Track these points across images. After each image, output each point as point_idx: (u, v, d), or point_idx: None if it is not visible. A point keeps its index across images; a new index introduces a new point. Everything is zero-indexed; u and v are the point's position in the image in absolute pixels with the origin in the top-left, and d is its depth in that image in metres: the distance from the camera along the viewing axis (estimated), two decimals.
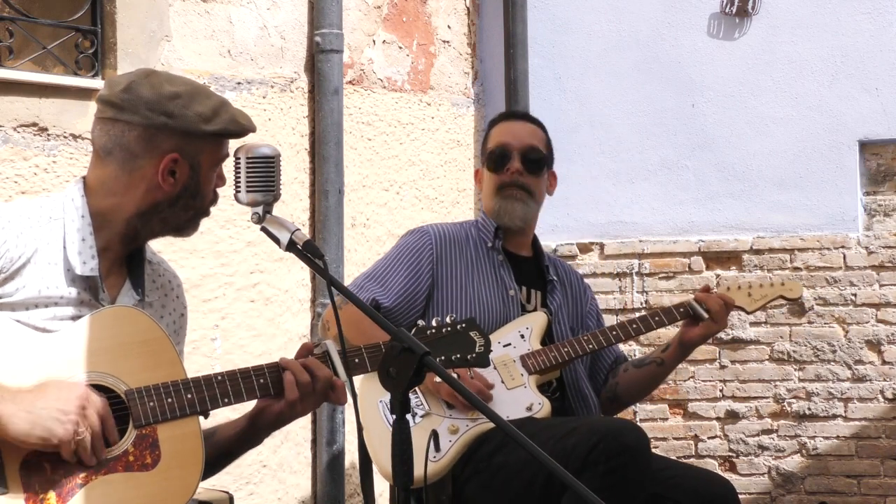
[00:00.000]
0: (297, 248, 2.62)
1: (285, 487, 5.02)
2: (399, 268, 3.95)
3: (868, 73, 5.87)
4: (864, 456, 5.84)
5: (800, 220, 5.95)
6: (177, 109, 2.79)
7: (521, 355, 3.87)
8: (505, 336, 3.90)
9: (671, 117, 6.13)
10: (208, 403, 2.73)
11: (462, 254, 4.01)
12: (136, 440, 2.67)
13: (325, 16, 5.20)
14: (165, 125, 2.77)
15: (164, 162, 2.77)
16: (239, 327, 4.83)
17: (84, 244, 2.75)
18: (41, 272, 2.70)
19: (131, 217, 2.80)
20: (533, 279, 4.11)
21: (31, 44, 4.20)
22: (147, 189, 2.79)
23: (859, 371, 5.86)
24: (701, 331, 3.98)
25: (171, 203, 2.80)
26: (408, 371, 2.32)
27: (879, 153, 5.91)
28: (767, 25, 6.01)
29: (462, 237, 4.05)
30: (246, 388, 2.78)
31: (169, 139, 2.78)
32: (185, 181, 2.79)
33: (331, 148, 5.18)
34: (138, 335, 2.73)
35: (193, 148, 2.79)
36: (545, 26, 6.32)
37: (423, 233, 4.03)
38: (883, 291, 5.86)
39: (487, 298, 3.96)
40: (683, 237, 6.11)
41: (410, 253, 3.98)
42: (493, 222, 4.06)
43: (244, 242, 4.84)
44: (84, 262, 2.74)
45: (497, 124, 4.18)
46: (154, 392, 2.69)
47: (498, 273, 4.02)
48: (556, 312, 4.08)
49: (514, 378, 3.82)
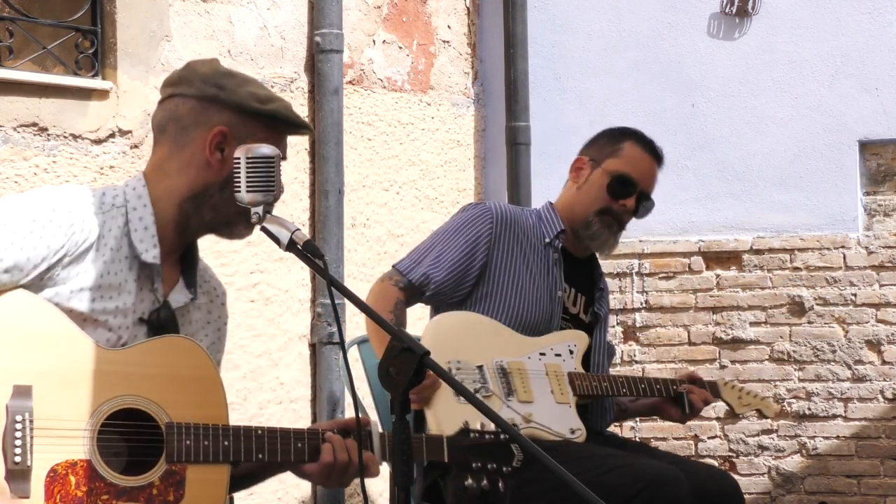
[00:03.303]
0: (297, 248, 2.60)
1: (285, 487, 5.03)
2: (455, 242, 3.86)
3: (868, 73, 5.87)
4: (864, 456, 5.85)
5: (800, 220, 5.95)
6: (230, 84, 2.79)
7: (568, 372, 3.84)
8: (556, 345, 3.89)
9: (671, 117, 6.11)
10: (242, 455, 2.71)
11: (519, 239, 3.93)
12: (164, 475, 2.65)
13: (325, 16, 5.20)
14: (216, 97, 2.77)
15: (211, 133, 2.76)
16: (239, 327, 4.83)
17: (147, 232, 2.75)
18: (104, 258, 2.69)
19: (184, 200, 2.78)
20: (582, 283, 4.07)
21: (31, 44, 4.20)
22: (198, 168, 2.78)
23: (859, 371, 5.87)
24: (676, 416, 4.07)
25: (222, 186, 2.76)
26: (408, 371, 2.31)
27: (879, 153, 5.92)
28: (767, 25, 6.01)
29: (522, 221, 3.96)
30: (282, 448, 2.76)
31: (220, 112, 2.77)
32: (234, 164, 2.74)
33: (331, 148, 5.18)
34: (193, 370, 2.73)
35: (245, 127, 2.78)
36: (545, 26, 6.32)
37: (484, 210, 3.92)
38: (883, 291, 5.86)
39: (537, 292, 3.90)
40: (683, 237, 6.11)
41: (469, 229, 3.88)
42: (560, 223, 3.99)
43: (244, 242, 4.70)
44: (147, 249, 2.74)
45: (637, 146, 4.07)
46: (194, 431, 2.67)
47: (551, 269, 3.95)
48: (602, 321, 4.10)
49: (564, 394, 3.79)
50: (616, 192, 3.97)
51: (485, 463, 2.91)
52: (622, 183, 3.98)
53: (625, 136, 4.09)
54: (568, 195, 4.06)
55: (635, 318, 6.13)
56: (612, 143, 4.05)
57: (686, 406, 4.01)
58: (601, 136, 4.13)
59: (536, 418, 3.69)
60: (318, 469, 2.79)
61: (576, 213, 4.00)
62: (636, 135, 4.12)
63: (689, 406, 4.00)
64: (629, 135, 4.10)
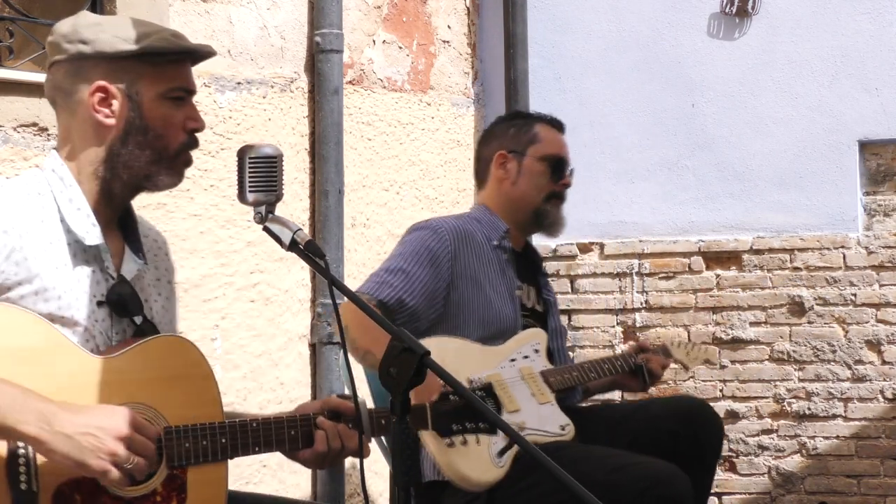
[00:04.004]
0: (299, 247, 2.59)
1: (285, 487, 5.03)
2: (421, 265, 3.85)
3: (868, 73, 5.87)
4: (864, 456, 5.85)
5: (800, 220, 5.96)
6: (92, 35, 2.68)
7: (540, 371, 3.88)
8: (523, 347, 3.91)
9: (671, 117, 6.13)
10: (240, 450, 2.70)
11: (474, 251, 3.95)
12: (166, 480, 2.64)
13: (325, 16, 5.20)
14: (82, 53, 2.67)
15: (90, 91, 2.67)
16: (239, 327, 4.84)
17: (80, 213, 2.67)
18: (45, 252, 2.62)
19: (97, 168, 2.70)
20: (528, 274, 4.12)
21: (31, 44, 4.19)
22: (95, 131, 2.69)
23: (859, 371, 5.86)
24: (637, 387, 4.17)
25: (122, 141, 2.69)
26: (408, 371, 2.31)
27: (879, 153, 5.91)
28: (767, 25, 6.01)
29: (470, 232, 3.98)
30: (277, 438, 2.74)
31: (94, 67, 2.67)
32: (127, 114, 2.69)
33: (331, 148, 5.18)
34: (185, 369, 2.71)
35: (125, 75, 2.67)
36: (545, 26, 6.33)
37: (436, 228, 3.93)
38: (883, 291, 5.85)
39: (500, 298, 3.93)
40: (683, 237, 6.12)
41: (430, 250, 3.88)
42: (502, 223, 4.02)
43: (244, 242, 4.84)
44: (87, 231, 2.67)
45: (546, 126, 4.15)
46: (192, 433, 2.65)
47: (505, 270, 3.99)
48: (553, 307, 4.16)
49: (544, 393, 3.82)
50: (555, 174, 4.07)
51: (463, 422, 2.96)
52: (557, 164, 4.08)
53: (529, 121, 4.16)
54: (503, 192, 4.08)
55: (635, 317, 6.14)
56: (524, 131, 4.11)
57: (646, 376, 4.12)
58: (505, 127, 4.17)
59: (529, 425, 3.70)
60: (311, 455, 2.78)
61: (521, 208, 4.06)
62: (537, 116, 4.23)
63: (649, 374, 4.11)
64: (531, 118, 4.19)
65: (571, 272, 6.22)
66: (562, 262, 6.24)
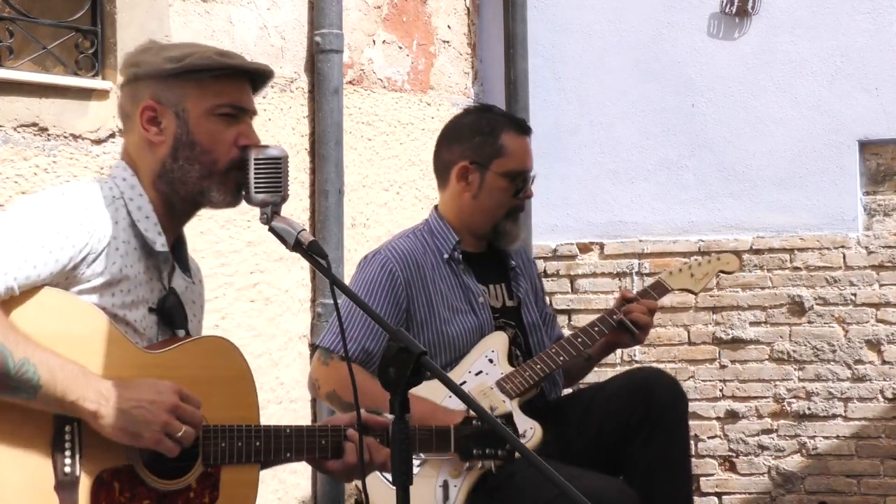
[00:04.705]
0: (302, 248, 2.62)
1: (285, 487, 5.04)
2: (379, 303, 3.76)
3: (867, 73, 5.88)
4: (863, 455, 5.86)
5: (799, 220, 5.97)
6: (144, 58, 2.78)
7: (496, 381, 3.78)
8: (474, 364, 3.81)
9: (671, 117, 6.14)
10: (272, 454, 2.78)
11: (423, 273, 3.84)
12: (201, 477, 2.70)
13: (325, 16, 5.20)
14: (136, 75, 2.77)
15: (139, 111, 2.75)
16: (239, 327, 4.84)
17: (149, 221, 2.75)
18: (119, 252, 2.69)
19: (155, 182, 2.77)
20: (492, 274, 4.00)
21: (31, 44, 4.20)
22: (147, 149, 2.77)
23: (859, 371, 5.88)
24: (629, 342, 4.00)
25: (173, 157, 2.75)
26: (405, 371, 2.33)
27: (879, 153, 5.93)
28: (767, 25, 6.03)
29: (419, 252, 3.87)
30: (308, 446, 2.82)
31: (145, 89, 2.76)
32: (175, 131, 2.75)
33: (331, 148, 5.18)
34: (228, 371, 2.78)
35: (171, 94, 2.75)
36: (545, 26, 6.34)
37: (383, 259, 3.82)
38: (883, 291, 5.87)
39: (460, 314, 3.84)
40: (683, 237, 6.13)
41: (382, 283, 3.78)
42: (453, 235, 3.91)
43: (244, 242, 4.85)
44: (154, 238, 2.75)
45: (511, 133, 3.97)
46: (228, 433, 2.72)
47: (463, 282, 3.89)
48: (524, 300, 4.02)
49: (498, 406, 3.71)
50: (517, 189, 3.92)
51: (483, 448, 3.10)
52: (519, 180, 3.92)
53: (495, 128, 3.94)
54: (462, 204, 3.94)
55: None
56: (488, 142, 3.92)
57: (633, 329, 3.92)
58: (470, 133, 3.96)
59: None
60: (340, 466, 2.84)
61: (479, 222, 3.94)
62: (503, 120, 4.01)
63: (635, 325, 3.91)
64: (498, 123, 3.97)
65: (571, 272, 6.22)
66: (562, 262, 6.24)
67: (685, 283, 4.18)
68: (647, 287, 4.12)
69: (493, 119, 3.98)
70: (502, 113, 4.11)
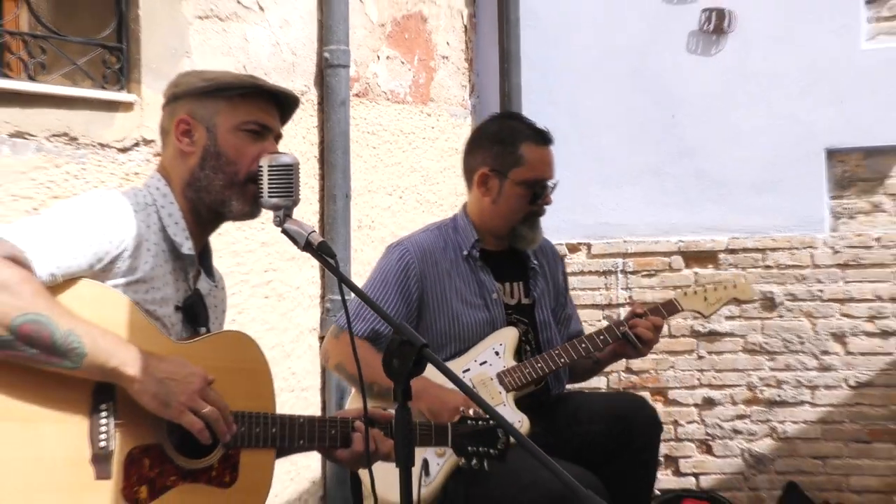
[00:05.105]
0: (313, 248, 2.65)
1: (297, 468, 5.06)
2: (390, 291, 3.78)
3: (835, 87, 5.92)
4: (829, 439, 5.93)
5: (772, 222, 5.99)
6: (184, 80, 2.89)
7: (497, 373, 3.79)
8: (481, 354, 3.83)
9: (654, 127, 6.18)
10: (287, 441, 2.82)
11: (440, 266, 3.86)
12: (222, 458, 2.75)
13: (333, 33, 5.20)
14: (175, 95, 2.88)
15: (174, 124, 2.85)
16: (254, 321, 4.82)
17: (178, 227, 2.81)
18: (150, 252, 2.74)
19: (184, 189, 2.84)
20: (511, 271, 4.01)
21: (61, 60, 4.15)
22: (180, 159, 2.85)
23: (825, 361, 5.96)
24: (632, 354, 3.99)
25: (201, 166, 2.82)
26: (408, 362, 2.39)
27: (845, 160, 5.97)
28: (742, 42, 6.06)
29: (439, 246, 3.89)
30: (319, 435, 2.87)
31: (182, 106, 2.85)
32: (204, 142, 2.82)
33: (338, 156, 5.18)
34: (247, 363, 2.82)
35: (204, 110, 2.83)
36: (538, 43, 6.37)
37: (403, 250, 3.85)
38: (847, 288, 5.95)
39: (473, 309, 3.86)
40: (665, 238, 6.16)
41: (397, 274, 3.81)
42: (474, 233, 3.92)
43: (259, 243, 4.84)
44: (182, 242, 2.81)
45: (532, 144, 3.92)
46: (247, 419, 2.76)
47: (478, 278, 3.90)
48: (539, 299, 4.02)
49: (493, 397, 3.73)
50: (535, 197, 3.91)
51: (477, 446, 3.14)
52: (537, 188, 3.90)
53: (516, 138, 3.91)
54: (482, 207, 3.95)
55: (620, 312, 6.14)
56: (509, 151, 3.90)
57: (636, 343, 3.91)
58: (490, 142, 3.94)
59: None
60: (348, 455, 2.92)
61: (498, 225, 3.94)
62: (525, 130, 3.95)
63: (639, 339, 3.90)
64: (519, 133, 3.92)
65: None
66: None
67: (697, 306, 4.10)
68: (659, 304, 4.06)
69: (514, 128, 3.94)
70: (525, 122, 4.01)
